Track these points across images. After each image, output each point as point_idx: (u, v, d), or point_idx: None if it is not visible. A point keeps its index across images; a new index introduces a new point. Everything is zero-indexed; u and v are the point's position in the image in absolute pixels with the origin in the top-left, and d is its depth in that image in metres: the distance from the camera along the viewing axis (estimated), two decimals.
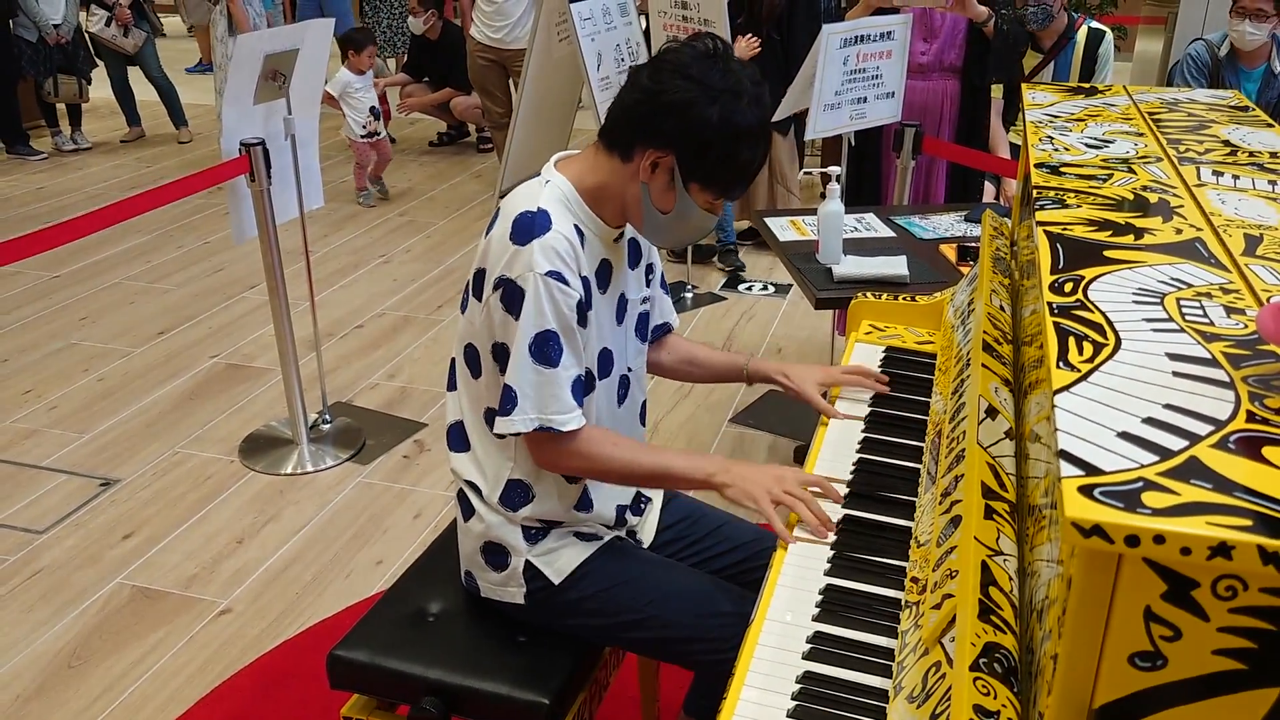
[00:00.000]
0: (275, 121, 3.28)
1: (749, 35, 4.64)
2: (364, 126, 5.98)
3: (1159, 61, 7.69)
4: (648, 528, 1.87)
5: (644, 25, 5.18)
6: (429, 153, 7.40)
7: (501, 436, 1.67)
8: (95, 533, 3.06)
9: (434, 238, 5.63)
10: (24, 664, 2.55)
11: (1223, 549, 0.69)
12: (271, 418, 3.67)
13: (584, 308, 1.59)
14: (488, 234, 1.63)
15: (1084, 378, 0.90)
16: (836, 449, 1.81)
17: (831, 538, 1.57)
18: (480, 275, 1.63)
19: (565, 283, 1.55)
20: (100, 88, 7.36)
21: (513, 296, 1.55)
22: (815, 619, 1.42)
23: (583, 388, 1.62)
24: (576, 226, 1.60)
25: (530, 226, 1.55)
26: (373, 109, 5.98)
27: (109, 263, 5.18)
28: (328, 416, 3.62)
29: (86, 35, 7.08)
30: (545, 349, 1.55)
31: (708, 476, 1.63)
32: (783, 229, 3.13)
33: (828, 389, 1.95)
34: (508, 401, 1.58)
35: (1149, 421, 0.83)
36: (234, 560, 2.93)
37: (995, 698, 0.96)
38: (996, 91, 4.07)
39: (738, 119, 1.53)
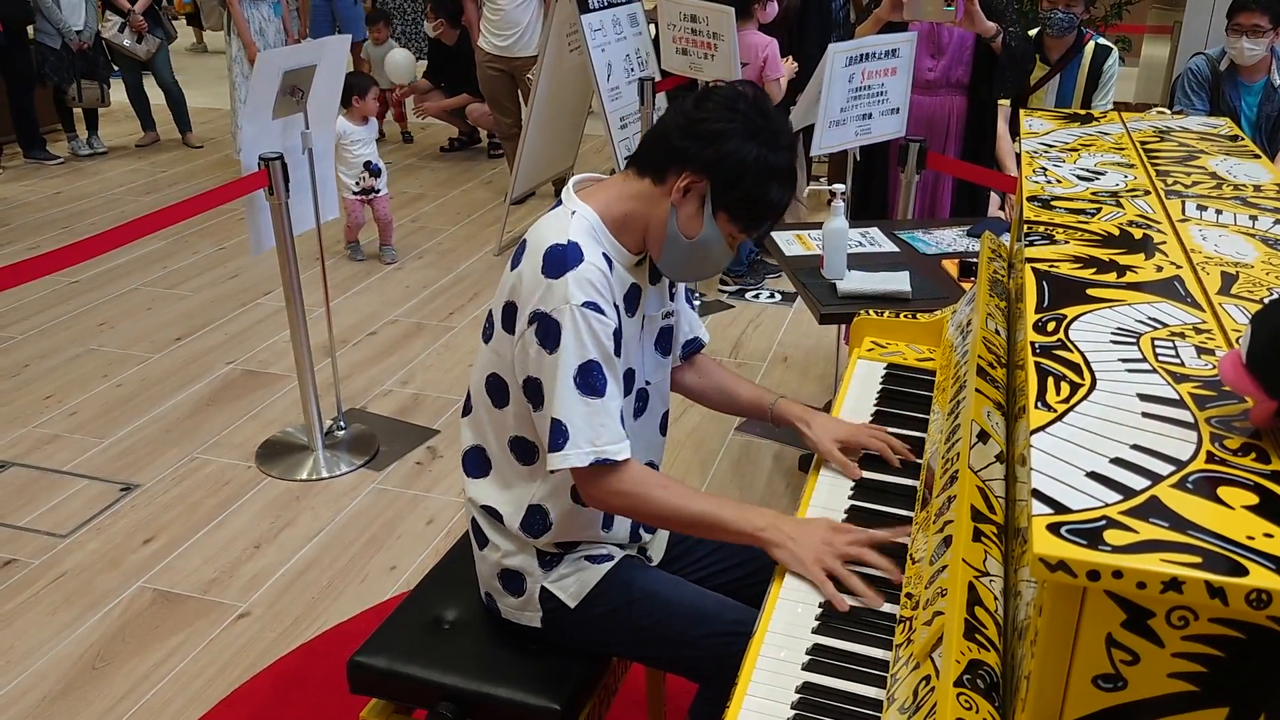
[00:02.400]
0: (293, 135, 3.37)
1: (787, 57, 4.74)
2: (357, 183, 5.27)
3: (1164, 69, 7.74)
4: (658, 544, 1.94)
5: (653, 34, 5.25)
6: (440, 159, 7.49)
7: (552, 471, 1.65)
8: (116, 537, 3.14)
9: (445, 244, 5.71)
10: (49, 665, 2.63)
11: (1174, 584, 0.77)
12: (287, 424, 3.75)
13: (618, 335, 1.62)
14: (514, 267, 1.66)
15: (1059, 418, 0.97)
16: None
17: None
18: (510, 309, 1.65)
19: (601, 312, 1.57)
20: (115, 92, 7.46)
21: (548, 330, 1.57)
22: (814, 631, 1.49)
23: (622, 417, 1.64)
24: (605, 255, 1.64)
25: (563, 259, 1.58)
26: (369, 164, 5.26)
27: (126, 268, 5.27)
28: (342, 423, 3.70)
29: (104, 41, 7.18)
30: (590, 379, 1.57)
31: (756, 531, 1.61)
32: (788, 243, 3.20)
33: (845, 446, 1.89)
34: (558, 435, 1.57)
35: (1116, 462, 0.90)
36: (252, 565, 3.01)
37: (977, 711, 1.03)
38: (1004, 100, 4.13)
39: (773, 159, 1.60)
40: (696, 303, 4.83)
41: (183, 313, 4.77)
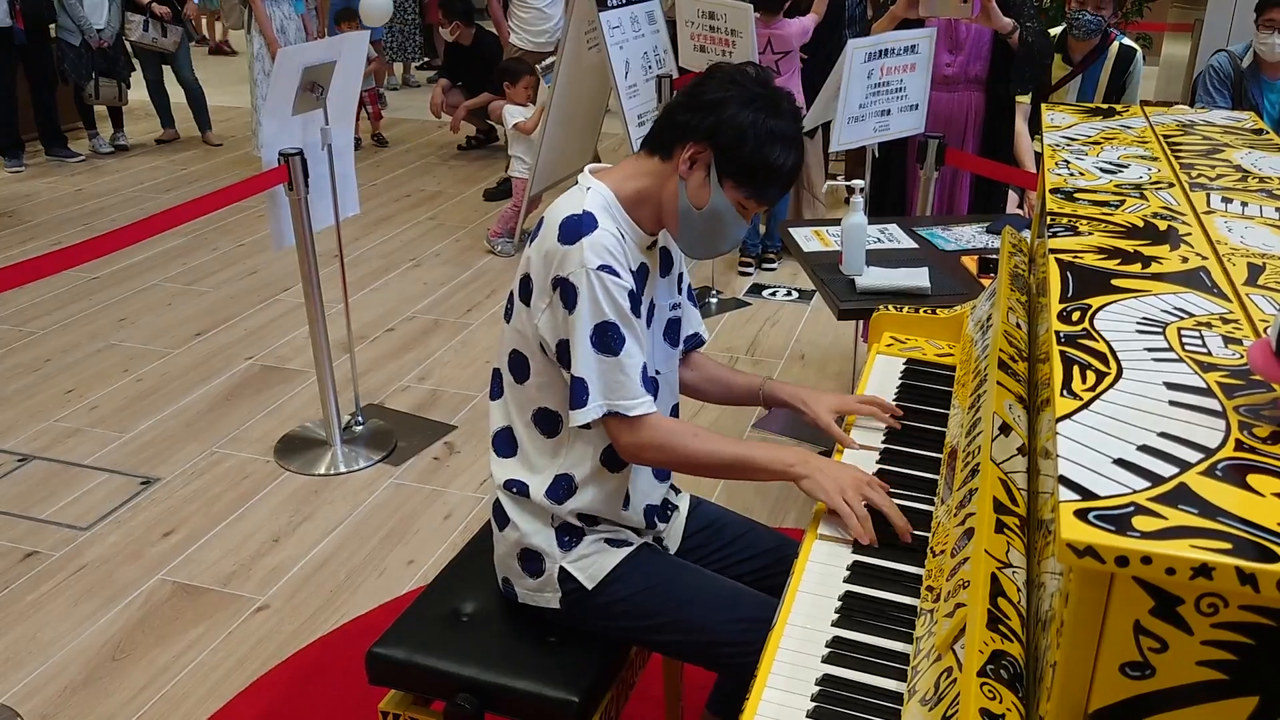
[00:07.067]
0: (313, 131, 3.37)
1: None
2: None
3: (1185, 67, 7.69)
4: (674, 534, 1.94)
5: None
6: (458, 156, 7.50)
7: (581, 428, 1.72)
8: (137, 530, 3.16)
9: (463, 241, 5.71)
10: (70, 656, 2.65)
11: (1204, 570, 0.76)
12: (306, 419, 3.76)
13: (636, 298, 1.67)
14: (532, 243, 1.71)
15: (1086, 406, 0.96)
16: (856, 461, 1.87)
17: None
18: (526, 282, 1.71)
19: (616, 274, 1.63)
20: (134, 90, 7.50)
21: (569, 293, 1.64)
22: (834, 624, 1.49)
23: (648, 375, 1.69)
24: (619, 230, 1.69)
25: (578, 227, 1.64)
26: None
27: (146, 264, 5.30)
28: (360, 418, 3.71)
29: (126, 40, 7.22)
30: (606, 339, 1.63)
31: (787, 467, 1.69)
32: (807, 239, 3.19)
33: (842, 416, 1.98)
34: (580, 393, 1.65)
35: (1144, 449, 0.89)
36: (271, 558, 3.02)
37: (1001, 702, 1.03)
38: (1024, 98, 4.11)
39: (772, 124, 1.64)
40: (714, 299, 4.82)
41: (202, 308, 4.79)
